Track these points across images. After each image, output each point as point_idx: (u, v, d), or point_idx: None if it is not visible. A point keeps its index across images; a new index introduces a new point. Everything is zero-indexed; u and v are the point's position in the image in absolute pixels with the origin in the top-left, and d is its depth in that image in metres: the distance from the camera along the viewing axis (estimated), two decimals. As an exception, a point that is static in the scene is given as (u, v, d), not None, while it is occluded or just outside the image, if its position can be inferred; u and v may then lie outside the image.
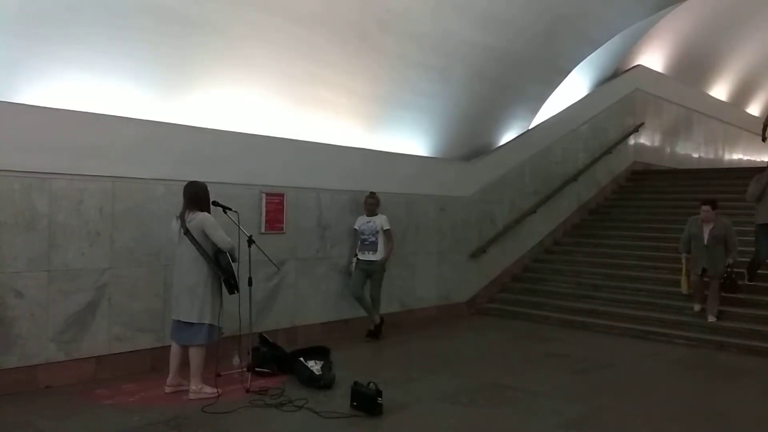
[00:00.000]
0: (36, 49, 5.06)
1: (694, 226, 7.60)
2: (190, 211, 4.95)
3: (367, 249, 7.24)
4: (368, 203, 7.31)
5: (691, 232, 7.61)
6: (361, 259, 7.24)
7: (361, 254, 7.25)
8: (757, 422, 4.78)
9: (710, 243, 7.40)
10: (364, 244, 7.25)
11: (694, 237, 7.55)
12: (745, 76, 17.07)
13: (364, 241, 7.25)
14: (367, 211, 7.31)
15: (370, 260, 7.22)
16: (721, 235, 7.37)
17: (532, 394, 5.27)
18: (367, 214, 7.31)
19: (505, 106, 9.64)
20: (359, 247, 7.27)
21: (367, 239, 7.24)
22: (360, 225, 7.29)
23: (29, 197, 4.99)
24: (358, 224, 7.31)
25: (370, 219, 7.28)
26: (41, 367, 5.07)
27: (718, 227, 7.41)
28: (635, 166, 13.06)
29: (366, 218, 7.30)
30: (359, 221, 7.32)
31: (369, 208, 7.30)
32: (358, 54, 7.17)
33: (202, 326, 4.88)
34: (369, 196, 7.33)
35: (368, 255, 7.23)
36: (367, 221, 7.28)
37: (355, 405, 4.67)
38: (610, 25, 9.71)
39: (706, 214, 7.47)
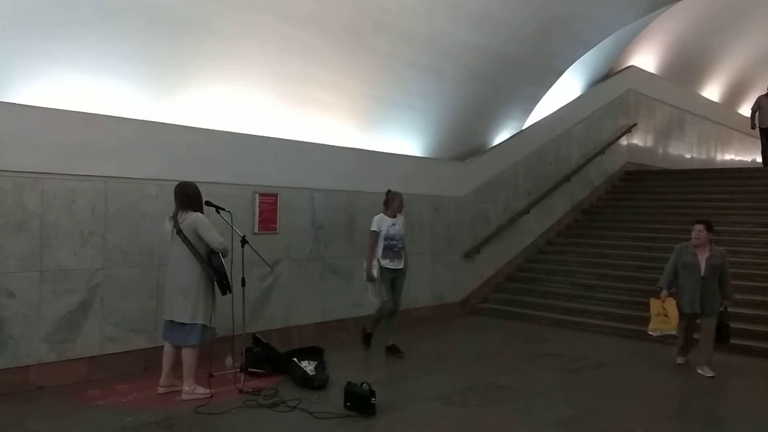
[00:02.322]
0: (28, 49, 5.03)
1: (686, 254, 6.13)
2: (183, 211, 4.93)
3: (395, 256, 6.37)
4: (398, 202, 6.45)
5: (682, 261, 6.12)
6: (389, 268, 6.34)
7: (390, 262, 6.34)
8: (750, 422, 4.80)
9: (708, 274, 5.98)
10: (392, 251, 6.35)
11: (687, 267, 6.08)
12: (737, 77, 17.16)
13: (392, 248, 6.34)
14: (394, 211, 6.46)
15: (399, 269, 6.43)
16: (718, 265, 6.00)
17: (526, 393, 5.28)
18: (391, 214, 6.44)
19: (499, 107, 9.66)
20: (384, 254, 6.32)
21: (395, 245, 6.36)
22: (385, 228, 6.35)
23: (21, 197, 4.96)
24: (381, 226, 6.36)
25: (394, 221, 6.42)
26: (33, 368, 5.05)
27: (716, 255, 6.03)
28: (628, 166, 13.11)
29: (389, 220, 6.40)
30: (382, 223, 6.38)
31: (397, 208, 6.46)
32: (352, 54, 7.16)
33: (195, 326, 4.87)
34: (397, 193, 6.47)
35: (396, 263, 6.39)
36: (392, 224, 6.39)
37: (349, 405, 4.67)
38: (603, 26, 9.74)
39: (700, 236, 6.06)
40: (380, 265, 6.29)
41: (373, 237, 6.36)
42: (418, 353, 6.70)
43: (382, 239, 6.32)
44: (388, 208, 6.44)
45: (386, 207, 6.46)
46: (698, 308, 6.00)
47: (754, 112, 12.42)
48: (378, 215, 6.45)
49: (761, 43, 15.88)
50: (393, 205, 6.43)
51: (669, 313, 6.12)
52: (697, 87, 16.07)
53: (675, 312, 6.08)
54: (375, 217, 6.44)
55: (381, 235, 6.32)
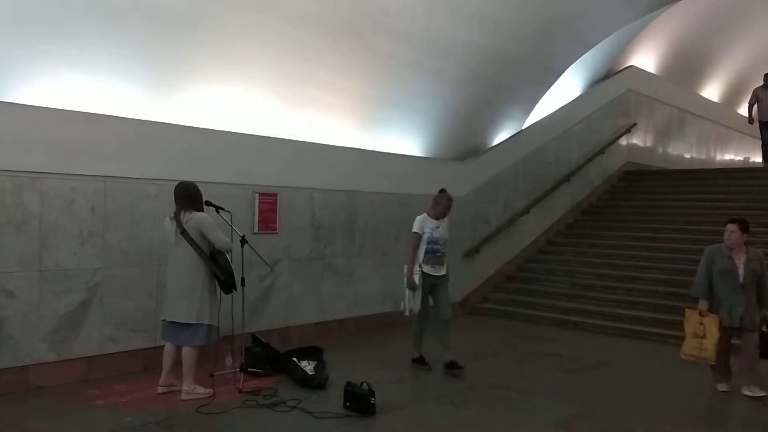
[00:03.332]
0: (28, 48, 5.03)
1: (721, 258, 5.32)
2: (185, 211, 4.92)
3: (437, 262, 5.86)
4: (444, 204, 5.95)
5: (717, 266, 5.31)
6: (430, 274, 5.83)
7: (432, 268, 5.82)
8: (748, 421, 4.81)
9: (747, 281, 5.22)
10: (435, 256, 5.83)
11: (723, 274, 5.27)
12: (737, 77, 17.16)
13: (435, 252, 5.82)
14: (440, 213, 5.94)
15: (440, 275, 5.92)
16: (758, 270, 5.25)
17: (525, 393, 5.28)
18: (436, 215, 5.93)
19: (499, 107, 9.66)
20: (426, 258, 5.81)
21: (439, 250, 5.86)
22: (429, 230, 5.84)
23: (20, 197, 4.96)
24: (424, 228, 5.86)
25: (438, 223, 5.90)
26: (33, 368, 5.05)
27: (753, 259, 5.30)
28: (628, 166, 13.11)
29: (433, 222, 5.89)
30: (425, 225, 5.87)
31: (443, 210, 5.95)
32: (352, 54, 7.16)
33: (201, 327, 4.86)
34: (446, 195, 6.00)
35: (438, 269, 5.88)
36: (435, 226, 5.87)
37: (348, 405, 4.67)
38: (603, 26, 9.75)
39: (732, 237, 5.29)
40: (422, 271, 5.80)
41: (415, 239, 5.86)
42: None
43: (425, 242, 5.82)
44: (433, 209, 5.95)
45: (432, 207, 5.97)
46: (738, 322, 5.19)
47: (752, 105, 12.11)
48: (421, 216, 5.95)
49: (761, 43, 15.89)
50: (439, 206, 5.94)
51: (708, 332, 5.18)
52: (696, 87, 16.08)
53: (715, 332, 5.16)
54: (417, 217, 5.95)
55: (423, 238, 5.82)
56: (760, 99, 11.98)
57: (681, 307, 7.77)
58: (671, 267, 8.84)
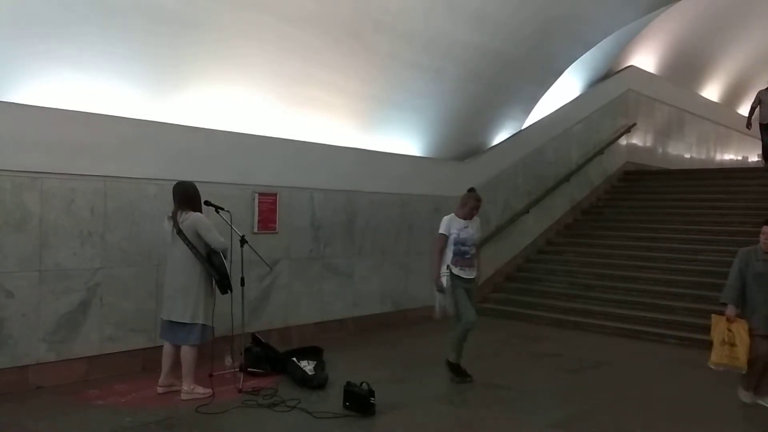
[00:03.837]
0: (28, 48, 5.03)
1: (756, 261, 4.94)
2: (182, 211, 4.92)
3: (467, 264, 5.60)
4: (472, 204, 5.70)
5: (752, 271, 4.93)
6: (461, 277, 5.57)
7: (462, 270, 5.56)
8: (747, 421, 4.80)
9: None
10: (464, 258, 5.58)
11: (758, 279, 4.91)
12: (736, 78, 17.17)
13: (463, 254, 5.58)
14: (468, 213, 5.68)
15: (471, 278, 5.65)
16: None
17: (525, 393, 5.28)
18: (463, 215, 5.67)
19: (498, 107, 9.66)
20: (455, 260, 5.56)
21: (468, 251, 5.60)
22: (456, 231, 5.58)
23: (20, 196, 4.96)
24: (451, 228, 5.60)
25: (466, 224, 5.64)
26: (32, 368, 5.04)
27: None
28: (627, 166, 13.11)
29: (461, 222, 5.63)
30: (452, 225, 5.61)
31: (471, 210, 5.69)
32: (351, 54, 7.16)
33: (195, 326, 4.86)
34: (474, 194, 5.76)
35: (468, 272, 5.61)
36: (464, 226, 5.61)
37: (348, 405, 4.67)
38: (602, 26, 9.75)
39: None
40: (451, 273, 5.53)
41: (441, 241, 5.62)
42: (417, 353, 6.70)
43: (452, 243, 5.56)
44: (460, 209, 5.69)
45: (460, 207, 5.72)
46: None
47: (754, 108, 11.84)
48: (448, 216, 5.71)
49: (760, 44, 15.89)
50: (467, 206, 5.67)
51: (738, 339, 4.86)
52: (696, 87, 16.08)
53: (746, 339, 4.85)
54: (444, 217, 5.71)
55: (450, 238, 5.56)
56: (763, 102, 11.71)
57: (681, 307, 7.88)
58: (671, 267, 8.85)
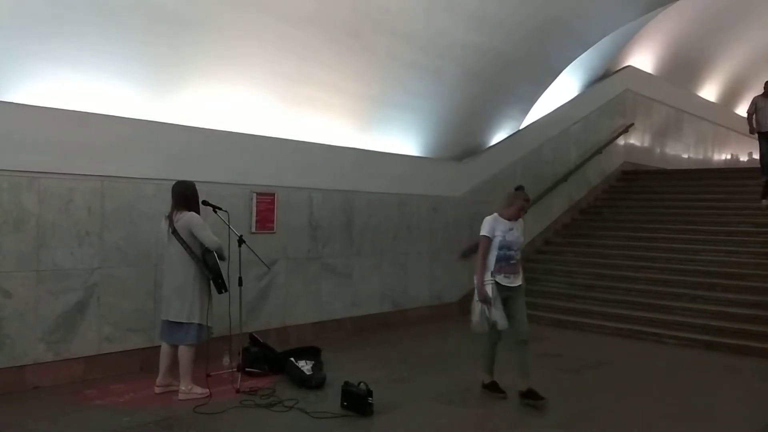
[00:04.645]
0: (26, 48, 5.02)
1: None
2: (178, 211, 4.92)
3: (511, 270, 5.01)
4: (520, 202, 5.09)
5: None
6: (503, 285, 4.97)
7: (505, 277, 4.97)
8: (745, 421, 4.80)
9: None
10: (508, 263, 4.97)
11: None
12: (734, 78, 17.19)
13: (508, 259, 4.97)
14: (514, 213, 5.07)
15: (514, 286, 5.07)
16: None
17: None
18: (509, 216, 5.05)
19: (497, 106, 9.66)
20: (497, 266, 4.95)
21: (513, 256, 5.00)
22: (502, 233, 4.97)
23: (18, 196, 4.95)
24: (495, 230, 4.98)
25: (511, 225, 5.02)
26: (30, 368, 5.03)
27: None
28: (625, 166, 13.12)
29: (506, 223, 5.01)
30: (496, 226, 4.99)
31: (518, 210, 5.08)
32: (350, 53, 7.15)
33: (192, 326, 4.86)
34: (523, 192, 5.16)
35: (512, 279, 5.03)
36: (509, 228, 4.99)
37: (346, 405, 4.66)
38: (601, 26, 9.75)
39: None
40: (495, 281, 4.96)
41: (485, 244, 4.99)
42: (416, 353, 6.70)
43: (496, 247, 4.97)
44: (506, 208, 5.08)
45: (505, 207, 5.10)
46: None
47: (751, 115, 11.03)
48: (491, 216, 5.08)
49: (758, 44, 15.92)
50: (514, 205, 5.06)
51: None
52: (694, 87, 16.10)
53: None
54: (487, 218, 5.08)
55: (494, 242, 4.97)
56: (759, 108, 10.94)
57: (679, 307, 7.88)
58: (670, 267, 8.85)
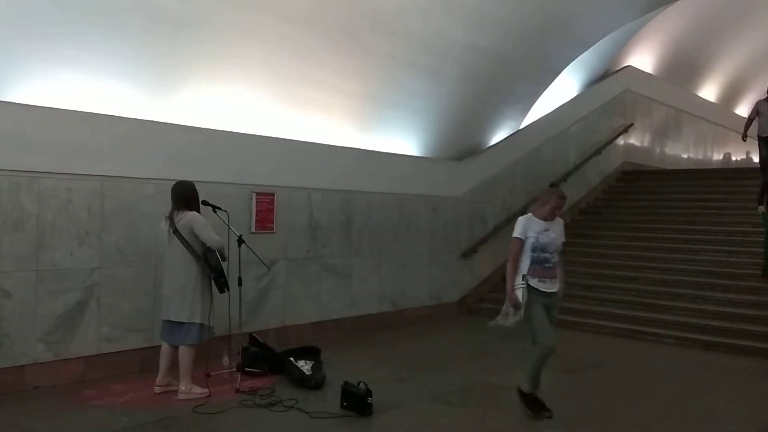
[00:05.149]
0: (25, 48, 5.02)
1: None
2: (179, 210, 4.92)
3: (548, 275, 4.68)
4: (555, 201, 4.73)
5: None
6: (540, 290, 4.63)
7: (541, 282, 4.63)
8: (744, 421, 4.80)
9: None
10: (543, 267, 4.65)
11: None
12: (734, 78, 17.19)
13: (543, 262, 4.65)
14: (549, 213, 4.73)
15: (553, 292, 4.74)
16: None
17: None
18: (543, 216, 4.72)
19: (496, 106, 9.66)
20: (533, 270, 4.63)
21: (549, 259, 4.68)
22: (535, 234, 4.63)
23: (17, 196, 4.95)
24: (528, 232, 4.65)
25: (546, 225, 4.69)
26: (29, 368, 5.03)
27: None
28: (625, 166, 13.12)
29: (540, 224, 4.68)
30: (529, 227, 4.66)
31: (553, 209, 4.73)
32: (349, 54, 7.15)
33: (193, 326, 4.86)
34: (557, 190, 4.92)
35: (549, 284, 4.69)
36: (543, 229, 4.66)
37: (345, 405, 4.66)
38: (600, 26, 9.75)
39: None
40: (528, 285, 4.60)
41: (516, 246, 4.66)
42: (415, 353, 6.70)
43: (529, 250, 4.63)
44: (540, 208, 4.75)
45: (539, 206, 4.77)
46: None
47: (751, 120, 10.52)
48: (524, 217, 4.78)
49: (758, 44, 15.92)
50: (548, 204, 4.71)
51: None
52: (694, 87, 16.10)
53: None
54: (520, 218, 4.77)
55: (527, 243, 4.63)
56: (761, 113, 10.61)
57: (679, 307, 7.88)
58: (669, 267, 8.86)
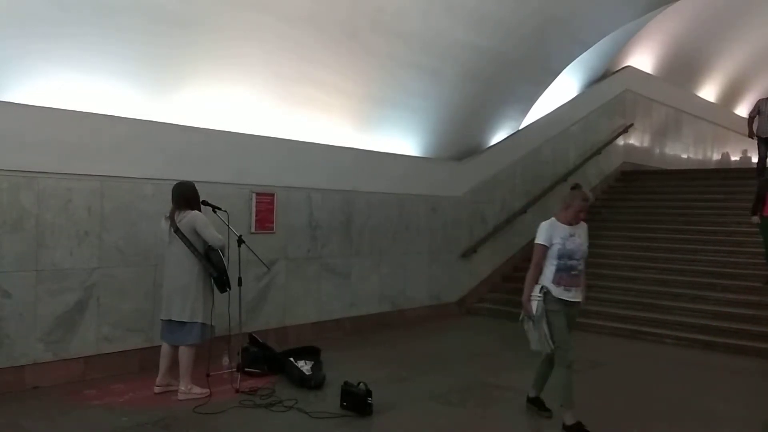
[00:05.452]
0: (25, 48, 5.01)
1: None
2: (180, 210, 4.93)
3: (573, 283, 4.34)
4: (578, 203, 4.36)
5: None
6: (562, 299, 4.32)
7: (565, 291, 4.31)
8: (744, 422, 4.81)
9: None
10: (570, 275, 4.31)
11: None
12: (734, 78, 17.20)
13: (569, 269, 4.31)
14: (573, 216, 4.38)
15: (577, 301, 4.40)
16: None
17: (523, 393, 5.26)
18: (567, 220, 4.39)
19: (496, 107, 9.66)
20: (557, 278, 4.31)
21: (575, 266, 4.33)
22: (561, 240, 4.31)
23: (17, 196, 4.95)
24: (553, 238, 4.35)
25: (571, 230, 4.36)
26: (29, 368, 5.03)
27: None
28: (625, 166, 13.13)
29: (566, 228, 4.36)
30: (555, 233, 4.36)
31: (577, 212, 4.38)
32: (349, 54, 7.15)
33: (194, 325, 4.86)
34: (581, 192, 4.44)
35: (573, 293, 4.35)
36: (569, 234, 4.33)
37: (345, 405, 4.66)
38: (600, 26, 9.75)
39: None
40: (546, 295, 4.32)
41: (540, 254, 4.38)
42: (415, 353, 6.70)
43: (554, 257, 4.33)
44: (563, 211, 4.42)
45: (563, 209, 4.44)
46: None
47: (753, 118, 10.76)
48: (547, 222, 4.46)
49: (758, 44, 15.92)
50: (572, 207, 4.36)
51: None
52: (693, 87, 16.11)
53: None
54: (543, 223, 4.46)
55: (553, 250, 4.33)
56: (762, 112, 10.67)
57: (678, 307, 7.88)
58: (669, 267, 8.86)
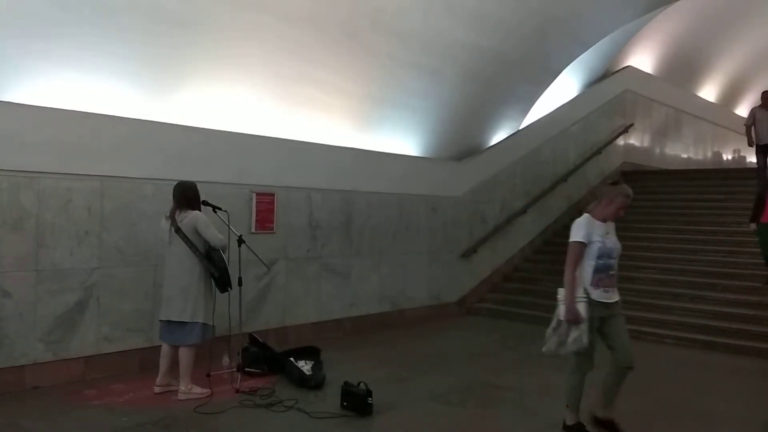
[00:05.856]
0: (25, 48, 5.01)
1: None
2: (180, 210, 4.93)
3: (611, 284, 4.14)
4: (621, 200, 4.13)
5: None
6: (600, 302, 4.08)
7: (603, 293, 4.09)
8: (744, 422, 4.81)
9: None
10: (608, 275, 4.10)
11: None
12: (734, 78, 17.20)
13: (608, 269, 4.10)
14: (613, 214, 4.15)
15: (613, 302, 4.19)
16: None
17: (523, 393, 5.28)
18: (604, 217, 4.15)
19: (496, 107, 9.66)
20: (596, 279, 4.07)
21: (613, 265, 4.13)
22: (600, 239, 4.06)
23: (17, 196, 4.95)
24: (592, 236, 4.07)
25: (607, 228, 4.13)
26: (29, 368, 5.03)
27: None
28: (625, 166, 13.13)
29: (602, 226, 4.11)
30: (593, 231, 4.07)
31: (618, 209, 4.14)
32: (349, 54, 7.15)
33: (195, 325, 4.86)
34: (620, 184, 4.24)
35: (611, 294, 4.15)
36: (606, 231, 4.11)
37: (346, 405, 4.66)
38: (600, 26, 9.75)
39: None
40: (589, 298, 4.06)
41: (578, 252, 4.07)
42: (415, 353, 6.70)
43: (593, 257, 4.05)
44: (603, 208, 4.15)
45: (604, 206, 4.16)
46: None
47: (749, 127, 10.69)
48: (582, 218, 4.14)
49: (758, 44, 15.92)
50: (613, 204, 4.11)
51: None
52: (693, 87, 16.11)
53: None
54: (578, 220, 4.15)
55: (591, 249, 4.05)
56: (758, 120, 10.63)
57: (678, 307, 7.88)
58: (669, 267, 8.86)
